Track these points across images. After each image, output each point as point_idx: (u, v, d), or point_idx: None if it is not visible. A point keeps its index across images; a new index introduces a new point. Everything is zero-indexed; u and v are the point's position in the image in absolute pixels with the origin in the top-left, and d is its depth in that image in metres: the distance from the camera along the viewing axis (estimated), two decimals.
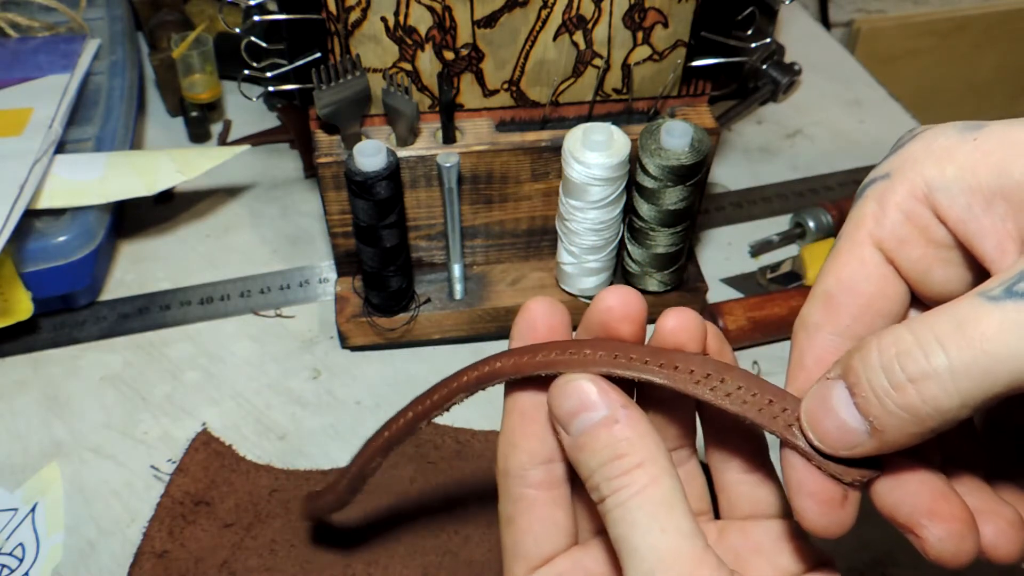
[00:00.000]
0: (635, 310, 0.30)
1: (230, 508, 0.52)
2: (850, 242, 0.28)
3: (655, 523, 0.26)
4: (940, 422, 0.23)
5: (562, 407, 0.29)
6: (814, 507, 0.27)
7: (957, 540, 0.26)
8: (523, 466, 0.30)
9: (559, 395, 0.29)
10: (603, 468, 0.27)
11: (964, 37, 1.25)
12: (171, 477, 0.54)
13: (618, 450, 0.27)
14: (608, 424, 0.28)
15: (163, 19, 0.79)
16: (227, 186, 0.74)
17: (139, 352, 0.61)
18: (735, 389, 0.28)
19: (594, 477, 0.27)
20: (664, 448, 0.28)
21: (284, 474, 0.54)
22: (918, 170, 0.27)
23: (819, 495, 0.27)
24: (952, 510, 0.26)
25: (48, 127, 0.61)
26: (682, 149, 0.52)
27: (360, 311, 0.60)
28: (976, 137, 0.26)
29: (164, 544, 0.51)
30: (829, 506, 0.26)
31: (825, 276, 0.29)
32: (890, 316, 0.29)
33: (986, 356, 0.22)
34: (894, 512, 0.27)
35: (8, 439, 0.56)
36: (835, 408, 0.25)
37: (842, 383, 0.25)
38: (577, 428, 0.28)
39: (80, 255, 0.59)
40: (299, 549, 0.51)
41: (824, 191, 0.75)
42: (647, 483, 0.26)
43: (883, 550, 0.52)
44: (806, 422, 0.26)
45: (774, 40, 0.83)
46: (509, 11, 0.51)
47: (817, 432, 0.26)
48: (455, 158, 0.52)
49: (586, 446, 0.28)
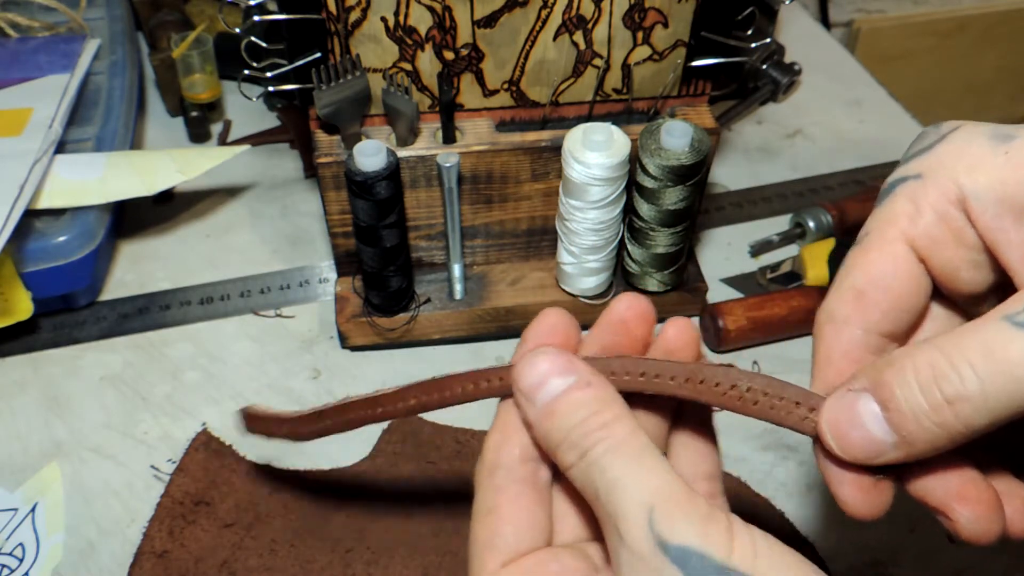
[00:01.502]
0: (648, 311, 0.33)
1: (230, 508, 0.52)
2: (881, 239, 0.29)
3: (643, 464, 0.26)
4: (968, 436, 0.25)
5: (529, 377, 0.29)
6: (852, 493, 0.28)
7: (986, 521, 0.28)
8: (514, 459, 0.30)
9: (526, 366, 0.29)
10: (580, 425, 0.27)
11: (964, 37, 1.25)
12: (171, 477, 0.54)
13: (594, 407, 0.28)
14: (581, 386, 0.28)
15: (163, 19, 0.79)
16: (227, 186, 0.74)
17: (139, 352, 0.61)
18: (761, 396, 0.28)
19: (570, 437, 0.28)
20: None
21: (284, 474, 0.54)
22: (951, 174, 0.28)
23: (854, 483, 0.28)
24: (980, 494, 0.28)
25: (48, 127, 0.60)
26: (682, 149, 0.52)
27: (360, 311, 0.60)
28: (1008, 150, 0.27)
29: (164, 544, 0.51)
30: (866, 492, 0.28)
31: (853, 271, 0.29)
32: (915, 312, 0.30)
33: (1015, 382, 0.23)
34: (926, 496, 0.29)
35: (8, 439, 0.56)
36: (863, 421, 0.26)
37: (869, 396, 0.26)
38: (546, 395, 0.28)
39: (80, 255, 0.59)
40: (299, 549, 0.51)
41: (824, 191, 0.75)
42: (627, 434, 0.27)
43: (883, 550, 0.52)
44: (829, 432, 0.27)
45: (774, 40, 0.83)
46: (509, 11, 0.51)
47: (841, 442, 0.27)
48: (455, 158, 0.52)
49: (557, 411, 0.28)
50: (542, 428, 0.29)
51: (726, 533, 0.25)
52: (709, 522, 0.25)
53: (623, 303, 0.32)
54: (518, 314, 0.60)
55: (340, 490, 0.54)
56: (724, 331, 0.60)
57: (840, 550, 0.52)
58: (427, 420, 0.57)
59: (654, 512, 0.25)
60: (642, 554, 0.25)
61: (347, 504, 0.53)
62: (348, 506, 0.53)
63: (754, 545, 0.25)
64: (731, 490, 0.53)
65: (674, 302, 0.62)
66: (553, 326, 0.31)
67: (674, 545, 0.25)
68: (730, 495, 0.52)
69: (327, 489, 0.54)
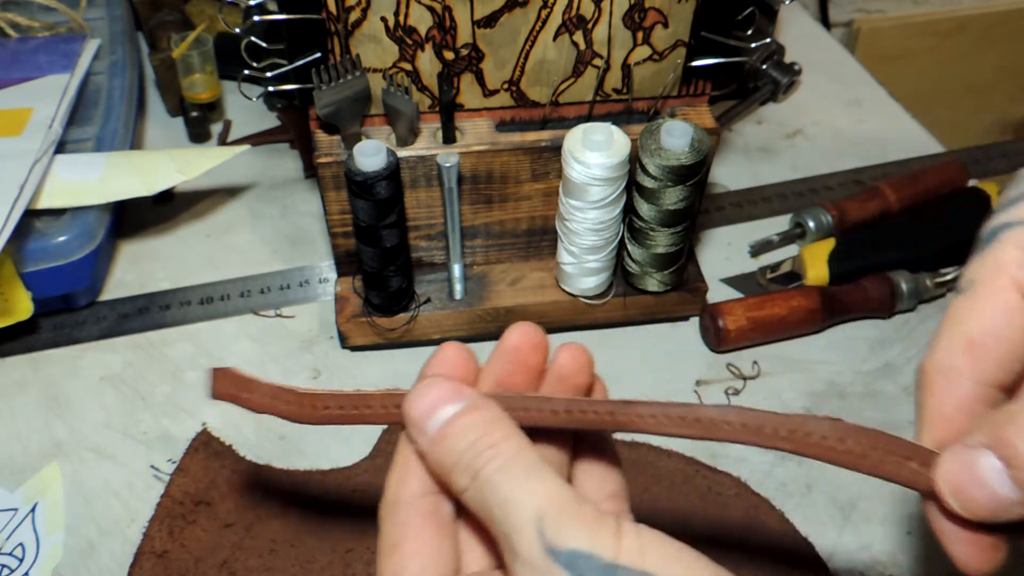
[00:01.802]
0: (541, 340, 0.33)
1: (230, 508, 0.52)
2: (991, 287, 0.29)
3: (533, 476, 0.27)
4: None
5: (420, 407, 0.29)
6: (968, 551, 0.28)
7: None
8: (414, 494, 0.30)
9: (416, 397, 0.30)
10: (471, 447, 0.28)
11: (964, 37, 1.25)
12: (171, 477, 0.54)
13: (483, 430, 0.28)
14: (469, 411, 0.29)
15: (163, 19, 0.79)
16: (227, 186, 0.74)
17: (139, 352, 0.61)
18: (870, 450, 0.28)
19: (461, 460, 0.28)
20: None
21: (284, 474, 0.54)
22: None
23: (972, 541, 0.28)
24: None
25: (48, 127, 0.61)
26: (682, 149, 0.52)
27: (360, 311, 0.60)
28: None
29: (164, 544, 0.51)
30: (982, 548, 0.28)
31: (964, 321, 0.29)
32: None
33: None
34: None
35: (8, 439, 0.56)
36: (986, 479, 0.26)
37: (990, 453, 0.26)
38: (436, 422, 0.29)
39: (80, 255, 0.59)
40: (299, 549, 0.51)
41: (824, 191, 0.75)
42: (516, 451, 0.28)
43: (883, 550, 0.52)
44: (948, 490, 0.27)
45: (774, 40, 0.83)
46: (509, 11, 0.51)
47: (963, 500, 0.27)
48: (455, 158, 0.52)
49: (449, 435, 0.29)
50: (434, 455, 0.29)
51: (614, 534, 0.25)
52: (597, 524, 0.26)
53: (515, 333, 0.33)
54: (518, 314, 0.60)
55: (340, 490, 0.54)
56: (724, 331, 0.60)
57: (839, 550, 0.52)
58: None
59: (544, 521, 0.26)
60: (534, 564, 0.25)
61: (347, 504, 0.53)
62: (348, 506, 0.53)
63: (641, 540, 0.25)
64: (731, 490, 0.53)
65: (674, 302, 0.62)
66: (448, 359, 0.32)
67: (564, 550, 0.25)
68: (730, 495, 0.53)
69: (327, 489, 0.54)
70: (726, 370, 0.61)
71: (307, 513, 0.53)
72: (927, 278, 0.64)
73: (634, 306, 0.62)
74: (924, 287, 0.64)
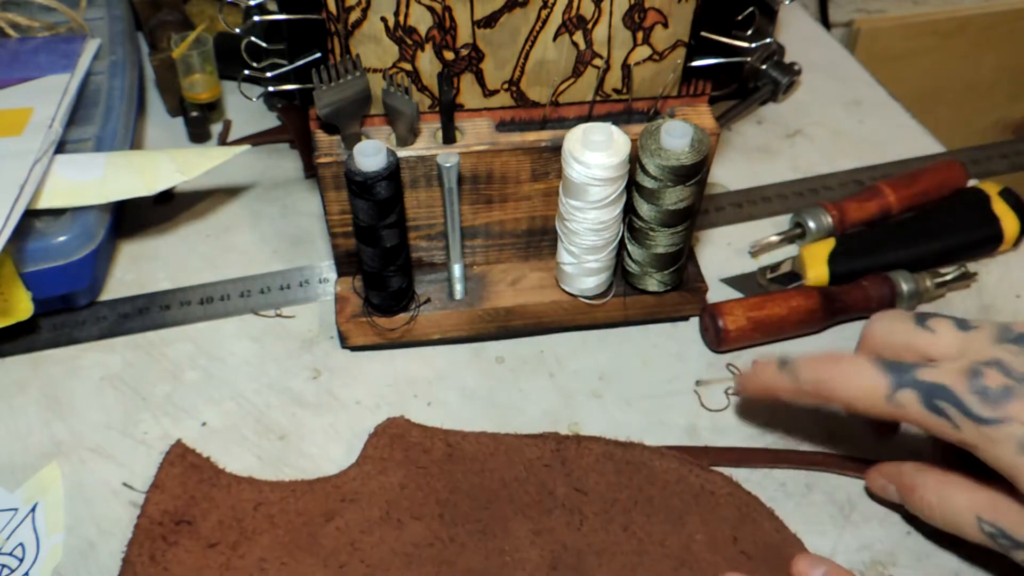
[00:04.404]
0: None
1: (213, 526, 0.50)
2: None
3: None
4: None
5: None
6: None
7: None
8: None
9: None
10: None
11: (964, 37, 1.25)
12: (146, 495, 0.51)
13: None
14: None
15: (163, 19, 0.79)
16: (227, 186, 0.74)
17: (139, 352, 0.61)
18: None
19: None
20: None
21: (268, 486, 0.52)
22: None
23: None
24: None
25: (48, 127, 0.61)
26: (682, 149, 0.52)
27: (360, 311, 0.60)
28: None
29: (146, 570, 0.47)
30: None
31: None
32: None
33: None
34: None
35: (8, 439, 0.56)
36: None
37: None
38: None
39: (80, 255, 0.59)
40: (290, 566, 0.49)
41: (824, 191, 0.75)
42: None
43: (883, 550, 0.52)
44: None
45: (774, 40, 0.83)
46: (509, 11, 0.51)
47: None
48: (455, 158, 0.52)
49: None
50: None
51: None
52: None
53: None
54: (518, 314, 0.60)
55: (328, 501, 0.52)
56: (724, 331, 0.60)
57: (838, 550, 0.52)
58: (414, 423, 0.55)
59: None
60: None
61: (336, 515, 0.51)
62: (338, 517, 0.51)
63: None
64: (723, 489, 0.53)
65: (674, 302, 0.62)
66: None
67: None
68: (723, 494, 0.53)
69: (315, 500, 0.52)
70: (726, 370, 0.61)
71: (295, 527, 0.50)
72: (927, 278, 0.64)
73: (634, 306, 0.62)
74: (924, 287, 0.64)
